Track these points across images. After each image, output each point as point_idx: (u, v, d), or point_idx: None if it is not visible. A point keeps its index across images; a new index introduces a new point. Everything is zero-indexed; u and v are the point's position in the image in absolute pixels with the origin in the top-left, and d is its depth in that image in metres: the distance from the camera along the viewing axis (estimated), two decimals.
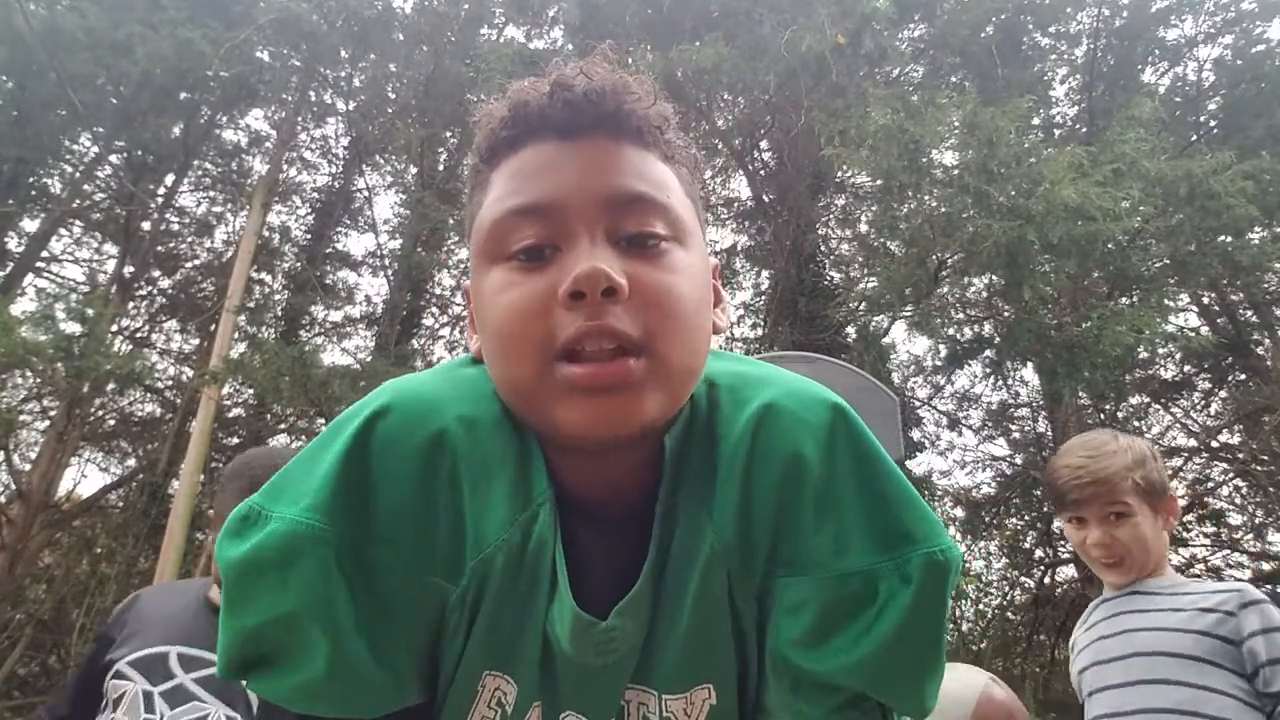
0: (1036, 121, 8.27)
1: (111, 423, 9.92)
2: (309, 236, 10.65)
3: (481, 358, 0.65)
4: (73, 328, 7.63)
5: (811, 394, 0.65)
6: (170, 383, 10.04)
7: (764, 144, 9.96)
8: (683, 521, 0.63)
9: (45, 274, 9.91)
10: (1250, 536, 8.12)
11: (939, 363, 8.82)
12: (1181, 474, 8.44)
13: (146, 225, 10.12)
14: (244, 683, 0.63)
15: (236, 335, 8.57)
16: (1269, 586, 7.73)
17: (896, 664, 0.59)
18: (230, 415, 9.54)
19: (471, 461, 0.61)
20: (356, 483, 0.59)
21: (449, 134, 10.00)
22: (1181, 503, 8.19)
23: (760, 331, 9.32)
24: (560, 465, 0.63)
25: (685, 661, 0.64)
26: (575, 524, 0.64)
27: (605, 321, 0.55)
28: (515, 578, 0.62)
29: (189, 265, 10.89)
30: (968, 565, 8.76)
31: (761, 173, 10.03)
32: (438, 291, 10.34)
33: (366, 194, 10.77)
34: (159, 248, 10.43)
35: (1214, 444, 8.45)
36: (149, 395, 9.91)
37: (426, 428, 0.61)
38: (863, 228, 9.48)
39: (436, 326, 10.29)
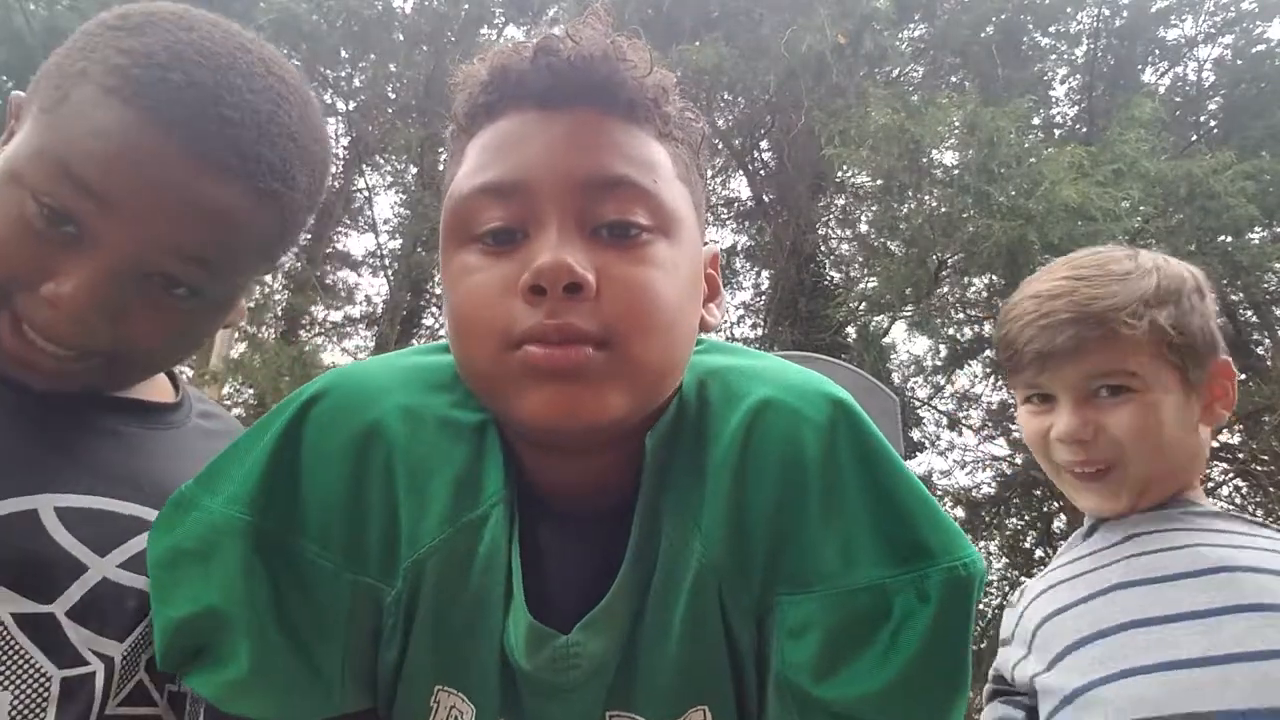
0: (1036, 121, 8.27)
1: None
2: (309, 236, 10.65)
3: None
4: None
5: (812, 388, 0.58)
6: None
7: (764, 144, 9.95)
8: (668, 532, 0.57)
9: None
10: None
11: (939, 363, 8.82)
12: None
13: None
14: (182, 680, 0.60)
15: (236, 335, 8.56)
16: None
17: (916, 693, 0.53)
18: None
19: (410, 456, 0.57)
20: (286, 471, 0.57)
21: (449, 134, 9.99)
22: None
23: (760, 331, 9.31)
24: (531, 463, 0.59)
25: (675, 685, 0.58)
26: (542, 528, 0.59)
27: (565, 320, 0.50)
28: (459, 583, 0.57)
29: None
30: None
31: (761, 173, 10.03)
32: (438, 291, 10.34)
33: (366, 194, 10.77)
34: None
35: (1214, 444, 8.44)
36: None
37: (362, 416, 0.57)
38: (863, 228, 9.48)
39: (436, 326, 10.29)
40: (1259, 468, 7.80)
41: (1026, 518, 8.75)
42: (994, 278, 7.28)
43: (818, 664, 0.54)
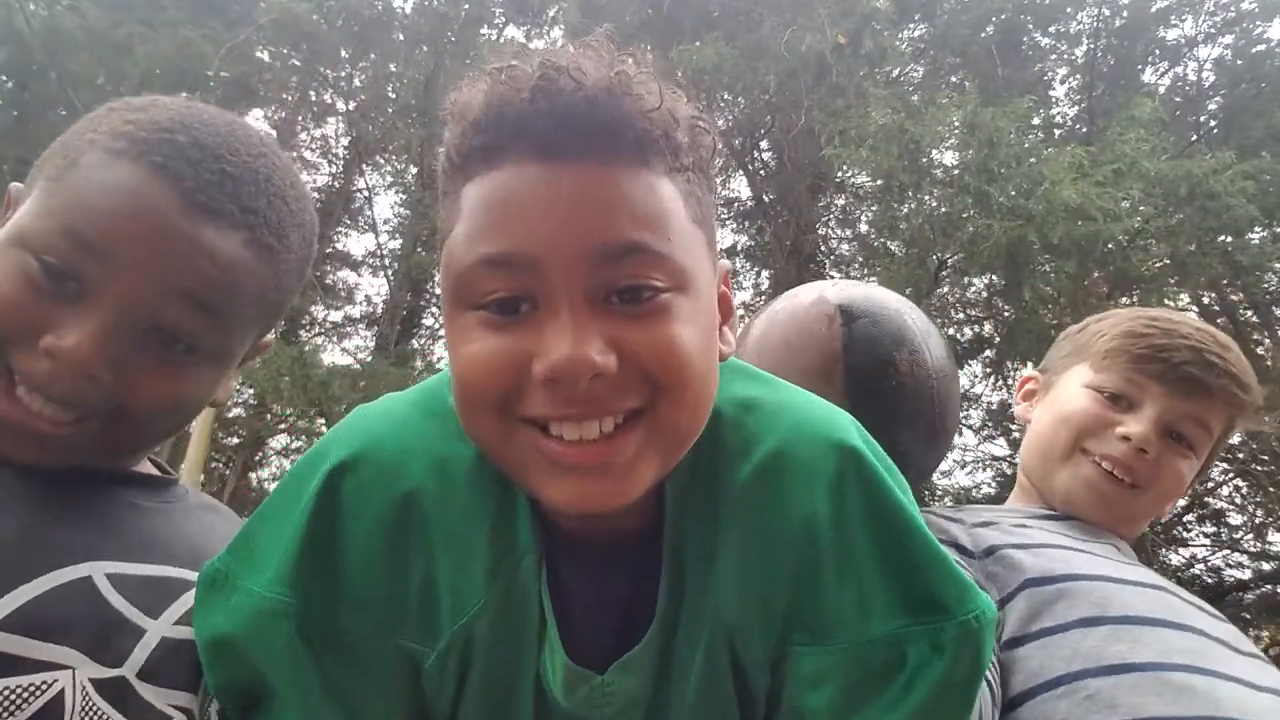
0: (1036, 121, 8.26)
1: None
2: None
3: None
4: None
5: (821, 433, 0.58)
6: None
7: (764, 144, 9.95)
8: (691, 577, 0.58)
9: None
10: (1250, 536, 8.11)
11: None
12: None
13: None
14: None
15: None
16: (1269, 587, 7.73)
17: None
18: (230, 415, 9.55)
19: (445, 521, 0.57)
20: (324, 545, 0.57)
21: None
22: (1181, 502, 8.23)
23: None
24: (553, 511, 0.59)
25: (698, 718, 0.60)
26: (566, 566, 0.60)
27: (590, 410, 0.49)
28: (501, 630, 0.58)
29: None
30: None
31: (761, 173, 10.02)
32: (438, 291, 10.33)
33: (366, 194, 10.76)
34: None
35: None
36: None
37: (395, 487, 0.57)
38: (863, 228, 9.47)
39: (436, 326, 10.29)
40: (1259, 468, 7.79)
41: None
42: (994, 278, 7.27)
43: (834, 711, 0.56)
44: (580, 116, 0.49)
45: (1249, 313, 8.29)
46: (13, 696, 0.53)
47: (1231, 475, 8.29)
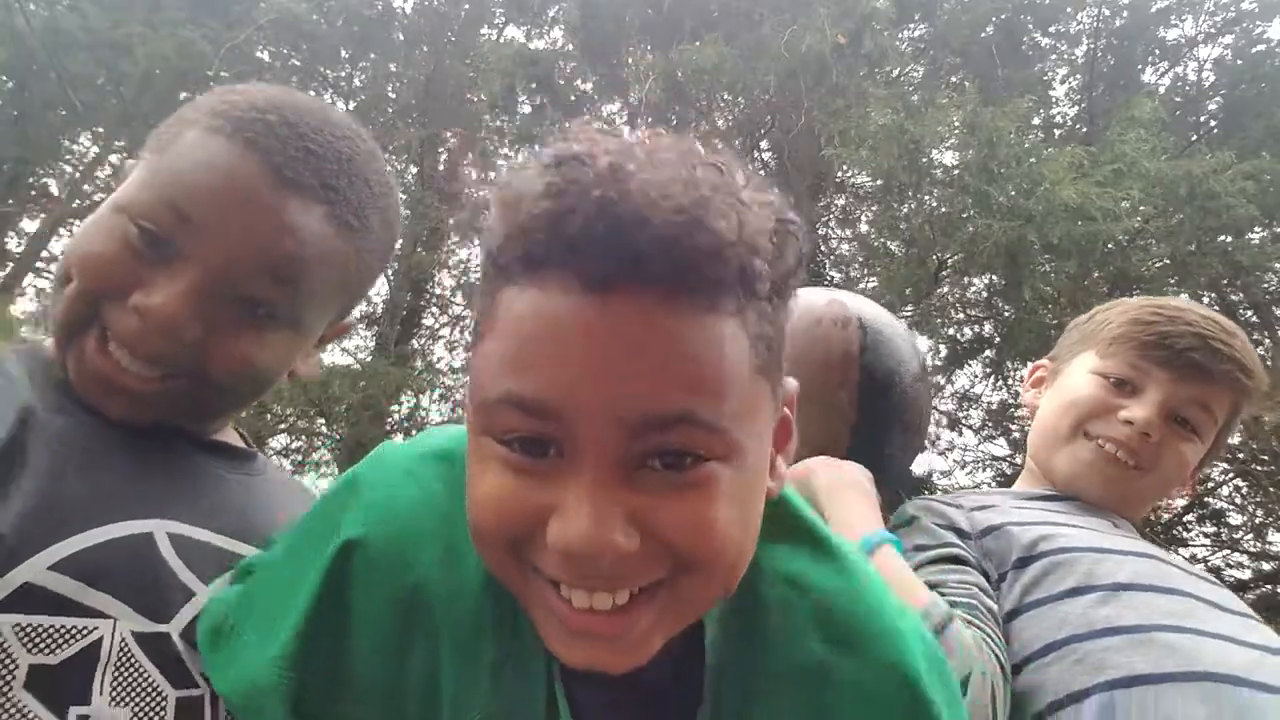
0: (1036, 121, 8.27)
1: None
2: None
3: None
4: None
5: (884, 655, 0.56)
6: None
7: (764, 144, 9.95)
8: None
9: (45, 274, 9.90)
10: (1250, 536, 8.11)
11: (939, 363, 8.82)
12: None
13: None
14: None
15: None
16: (1269, 587, 7.73)
17: None
18: None
19: (451, 617, 0.55)
20: (329, 625, 0.56)
21: (449, 134, 9.99)
22: (1181, 502, 8.24)
23: None
24: None
25: None
26: (578, 677, 0.57)
27: (604, 585, 0.46)
28: None
29: None
30: None
31: (761, 173, 10.02)
32: (438, 291, 10.34)
33: None
34: None
35: None
36: None
37: (405, 575, 0.55)
38: (863, 228, 9.48)
39: (436, 326, 10.29)
40: (1259, 468, 7.79)
41: None
42: (994, 278, 7.28)
43: None
44: (643, 257, 0.42)
45: (1249, 313, 8.29)
46: (55, 635, 0.56)
47: (1231, 475, 8.30)
